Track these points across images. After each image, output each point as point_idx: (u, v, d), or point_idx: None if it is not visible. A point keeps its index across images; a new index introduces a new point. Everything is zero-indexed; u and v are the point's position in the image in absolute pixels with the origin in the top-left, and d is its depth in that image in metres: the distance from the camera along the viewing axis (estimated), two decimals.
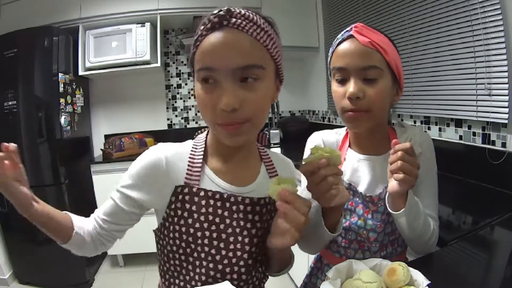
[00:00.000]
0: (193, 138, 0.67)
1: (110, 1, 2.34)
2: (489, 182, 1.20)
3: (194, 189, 0.59)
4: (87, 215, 0.67)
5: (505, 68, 1.10)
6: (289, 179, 0.56)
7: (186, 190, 0.59)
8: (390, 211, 0.66)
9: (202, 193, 0.59)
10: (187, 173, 0.59)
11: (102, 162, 2.27)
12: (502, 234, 0.86)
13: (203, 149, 0.63)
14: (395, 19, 1.62)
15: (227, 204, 0.59)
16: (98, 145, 2.67)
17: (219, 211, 0.59)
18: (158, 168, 0.59)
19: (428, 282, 0.52)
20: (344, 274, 0.58)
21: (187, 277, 0.61)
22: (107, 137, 2.61)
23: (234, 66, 0.51)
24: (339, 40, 0.69)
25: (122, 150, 2.31)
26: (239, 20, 0.52)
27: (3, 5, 2.29)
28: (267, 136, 0.59)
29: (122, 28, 2.32)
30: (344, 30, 0.70)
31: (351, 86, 0.66)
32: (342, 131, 0.81)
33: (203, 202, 0.58)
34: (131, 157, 2.36)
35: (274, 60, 0.57)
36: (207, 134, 0.66)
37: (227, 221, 0.59)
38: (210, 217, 0.58)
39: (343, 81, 0.69)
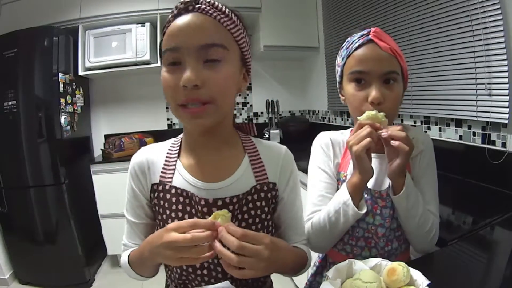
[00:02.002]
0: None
1: (110, 1, 2.34)
2: (489, 182, 1.20)
3: (167, 186, 0.60)
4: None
5: (505, 68, 1.10)
6: (220, 212, 0.52)
7: (160, 187, 0.61)
8: (391, 196, 0.69)
9: (173, 191, 0.60)
10: (162, 171, 0.62)
11: (102, 162, 2.27)
12: (502, 234, 0.86)
13: (179, 146, 0.65)
14: (395, 19, 1.62)
15: (192, 203, 0.60)
16: (98, 145, 2.66)
17: (188, 209, 0.59)
18: (142, 170, 0.63)
19: (428, 282, 0.52)
20: (344, 274, 0.57)
21: (170, 269, 0.65)
22: (107, 137, 2.60)
23: (197, 44, 0.52)
24: (358, 44, 0.70)
25: (122, 150, 2.31)
26: (204, 6, 0.54)
27: (3, 5, 2.29)
28: (254, 125, 0.60)
29: (122, 28, 2.32)
30: (359, 34, 0.71)
31: (374, 91, 0.67)
32: (346, 132, 0.83)
33: (174, 199, 0.60)
34: (131, 157, 2.36)
35: (239, 45, 0.59)
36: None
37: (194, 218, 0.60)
38: (180, 214, 0.59)
39: (361, 85, 0.70)
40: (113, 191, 2.20)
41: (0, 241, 2.13)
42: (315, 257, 0.89)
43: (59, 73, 2.06)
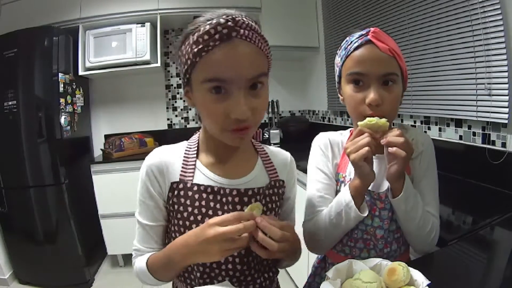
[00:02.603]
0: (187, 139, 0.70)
1: (110, 1, 2.34)
2: (489, 182, 1.20)
3: (188, 184, 0.62)
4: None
5: (505, 68, 1.10)
6: (255, 205, 0.59)
7: (181, 185, 0.62)
8: (390, 199, 0.69)
9: (195, 188, 0.62)
10: (181, 170, 0.63)
11: (102, 162, 2.27)
12: (502, 234, 0.86)
13: (196, 146, 0.67)
14: (395, 19, 1.62)
15: (218, 197, 0.62)
16: (98, 145, 2.67)
17: (212, 204, 0.62)
18: (160, 171, 0.63)
19: (428, 282, 0.52)
20: (344, 274, 0.57)
21: (187, 270, 0.65)
22: (107, 137, 2.60)
23: (248, 77, 0.54)
24: (356, 44, 0.69)
25: (122, 150, 2.31)
26: (246, 31, 0.53)
27: (3, 5, 2.29)
28: (260, 131, 0.64)
29: (122, 28, 2.32)
30: (358, 34, 0.69)
31: (372, 93, 0.66)
32: (346, 133, 0.82)
33: (197, 196, 0.61)
34: (131, 157, 2.39)
35: (268, 62, 0.60)
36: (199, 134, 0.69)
37: (219, 213, 0.61)
38: (204, 210, 0.61)
39: (360, 86, 0.69)
40: (113, 191, 2.20)
41: (0, 241, 2.13)
42: (314, 257, 0.89)
43: (59, 73, 2.06)
